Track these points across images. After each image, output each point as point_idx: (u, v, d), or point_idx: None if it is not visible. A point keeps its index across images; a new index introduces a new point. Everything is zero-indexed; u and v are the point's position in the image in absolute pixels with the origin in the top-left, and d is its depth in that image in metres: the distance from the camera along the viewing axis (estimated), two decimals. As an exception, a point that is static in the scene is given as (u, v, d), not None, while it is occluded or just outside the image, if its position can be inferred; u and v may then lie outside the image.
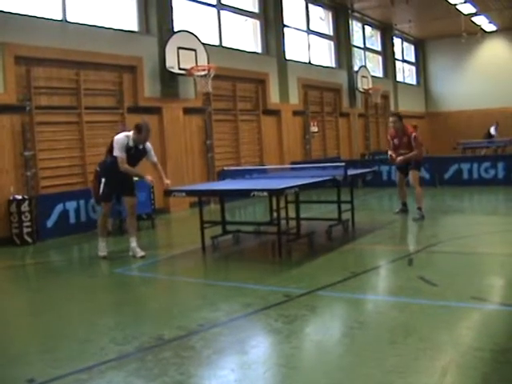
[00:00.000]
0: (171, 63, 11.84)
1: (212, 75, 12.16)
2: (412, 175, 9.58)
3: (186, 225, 10.71)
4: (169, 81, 12.04)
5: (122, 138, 7.37)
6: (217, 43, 14.09)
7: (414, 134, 9.54)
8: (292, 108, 16.57)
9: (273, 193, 6.89)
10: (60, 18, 10.25)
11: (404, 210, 9.99)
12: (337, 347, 4.09)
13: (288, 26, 16.82)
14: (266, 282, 5.89)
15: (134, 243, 7.50)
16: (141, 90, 11.53)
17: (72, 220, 9.68)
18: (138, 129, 7.30)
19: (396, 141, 9.64)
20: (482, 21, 22.54)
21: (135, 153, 7.39)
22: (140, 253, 7.42)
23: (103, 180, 7.48)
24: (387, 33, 23.91)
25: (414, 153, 9.46)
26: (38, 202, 9.17)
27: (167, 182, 7.53)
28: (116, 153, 7.26)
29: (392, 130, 9.87)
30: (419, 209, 9.37)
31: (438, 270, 6.05)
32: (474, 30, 22.55)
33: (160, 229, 10.31)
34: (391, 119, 9.94)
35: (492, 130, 23.17)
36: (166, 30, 11.99)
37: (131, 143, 7.32)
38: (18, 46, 9.26)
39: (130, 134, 7.37)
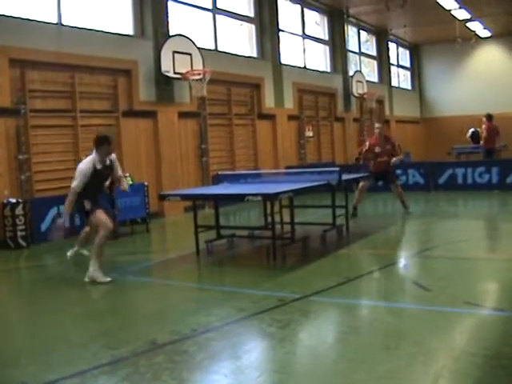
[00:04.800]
0: (166, 67, 11.85)
1: (207, 79, 12.16)
2: (397, 187, 10.24)
3: (180, 229, 10.70)
4: (164, 85, 12.05)
5: (86, 165, 6.30)
6: (212, 47, 14.11)
7: (397, 143, 10.26)
8: (287, 112, 16.58)
9: (267, 197, 6.90)
10: (55, 21, 10.24)
11: (355, 214, 10.23)
12: (330, 352, 4.09)
13: (283, 31, 16.86)
14: (260, 286, 5.89)
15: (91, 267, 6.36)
16: (136, 93, 11.53)
17: (66, 224, 9.61)
18: (106, 140, 6.33)
19: (378, 149, 9.91)
20: (476, 26, 22.63)
21: (103, 172, 6.51)
22: (102, 278, 6.34)
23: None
24: (382, 38, 23.99)
25: (400, 157, 10.19)
26: (32, 205, 9.14)
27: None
28: (74, 183, 6.24)
29: (374, 137, 10.08)
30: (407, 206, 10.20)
31: (432, 275, 6.05)
32: (468, 36, 22.63)
33: (154, 233, 10.28)
34: (378, 125, 10.18)
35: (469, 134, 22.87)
36: (161, 34, 12.00)
37: (99, 166, 6.34)
38: (12, 48, 9.25)
39: (93, 155, 6.37)
